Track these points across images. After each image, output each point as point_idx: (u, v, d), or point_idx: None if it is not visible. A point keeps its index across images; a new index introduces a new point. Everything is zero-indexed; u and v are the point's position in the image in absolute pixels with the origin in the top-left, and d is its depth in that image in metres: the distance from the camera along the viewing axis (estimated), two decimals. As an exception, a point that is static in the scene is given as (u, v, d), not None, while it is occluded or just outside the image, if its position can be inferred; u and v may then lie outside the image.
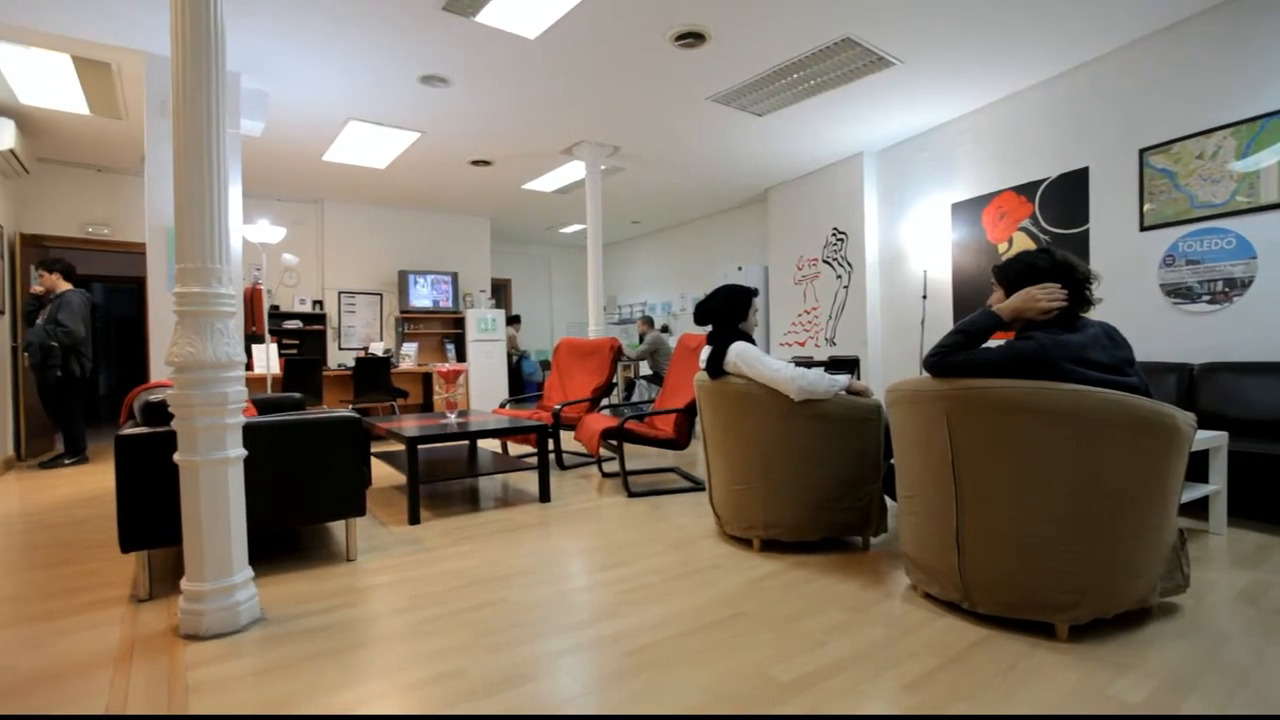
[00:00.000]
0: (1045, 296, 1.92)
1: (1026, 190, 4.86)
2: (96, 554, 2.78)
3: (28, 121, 5.00)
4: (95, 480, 4.45)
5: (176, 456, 1.93)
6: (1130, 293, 4.14)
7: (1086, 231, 4.46)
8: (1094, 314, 2.02)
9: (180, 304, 1.92)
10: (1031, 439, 1.78)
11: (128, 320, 9.49)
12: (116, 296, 9.75)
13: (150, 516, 2.18)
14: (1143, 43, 4.09)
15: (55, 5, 3.45)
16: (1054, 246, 2.15)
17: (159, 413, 2.25)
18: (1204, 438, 2.70)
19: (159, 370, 4.00)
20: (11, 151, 4.78)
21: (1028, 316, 1.95)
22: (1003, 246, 5.05)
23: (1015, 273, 2.03)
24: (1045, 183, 4.73)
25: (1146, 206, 4.10)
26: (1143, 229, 4.12)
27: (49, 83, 4.37)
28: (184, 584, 1.95)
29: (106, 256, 6.93)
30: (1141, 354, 3.53)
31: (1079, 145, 4.50)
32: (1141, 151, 4.11)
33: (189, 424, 1.91)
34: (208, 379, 1.91)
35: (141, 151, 4.52)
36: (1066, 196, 4.59)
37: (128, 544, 2.18)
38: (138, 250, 5.87)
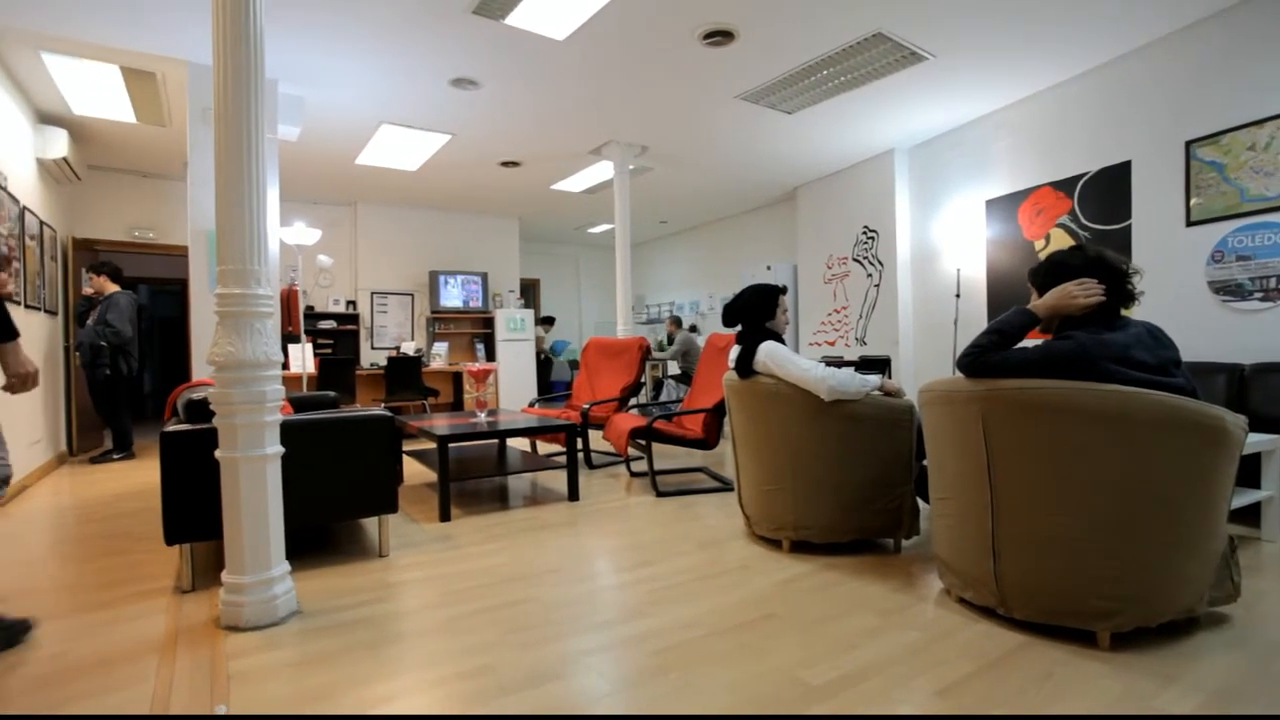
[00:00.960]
0: (1082, 292, 1.86)
1: (1065, 186, 4.73)
2: (143, 546, 2.88)
3: (79, 130, 5.20)
4: (141, 475, 4.61)
5: (218, 453, 1.99)
6: (1176, 290, 4.00)
7: (1129, 227, 4.32)
8: (1136, 312, 1.96)
9: (221, 305, 1.97)
10: (1071, 441, 1.73)
11: (171, 320, 9.80)
12: (160, 298, 10.08)
13: (193, 511, 2.26)
14: (1189, 31, 3.94)
15: (106, 18, 3.59)
16: (1089, 243, 2.09)
17: (201, 410, 2.32)
18: (1256, 441, 2.59)
19: (201, 369, 4.13)
20: (65, 159, 4.99)
21: (1065, 314, 1.90)
22: (1039, 244, 4.92)
23: (1045, 272, 1.98)
24: (1085, 177, 4.60)
25: (1193, 201, 3.96)
26: (1189, 224, 3.98)
27: (99, 93, 4.54)
28: (225, 577, 2.00)
29: (151, 259, 7.18)
30: (1187, 354, 3.40)
31: (1121, 138, 4.36)
32: (1188, 144, 3.97)
33: (229, 421, 1.96)
34: (247, 378, 1.96)
35: (184, 157, 4.68)
36: (1107, 191, 4.46)
37: (172, 537, 2.25)
38: (180, 253, 6.07)
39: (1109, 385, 1.70)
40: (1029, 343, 1.87)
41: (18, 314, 4.19)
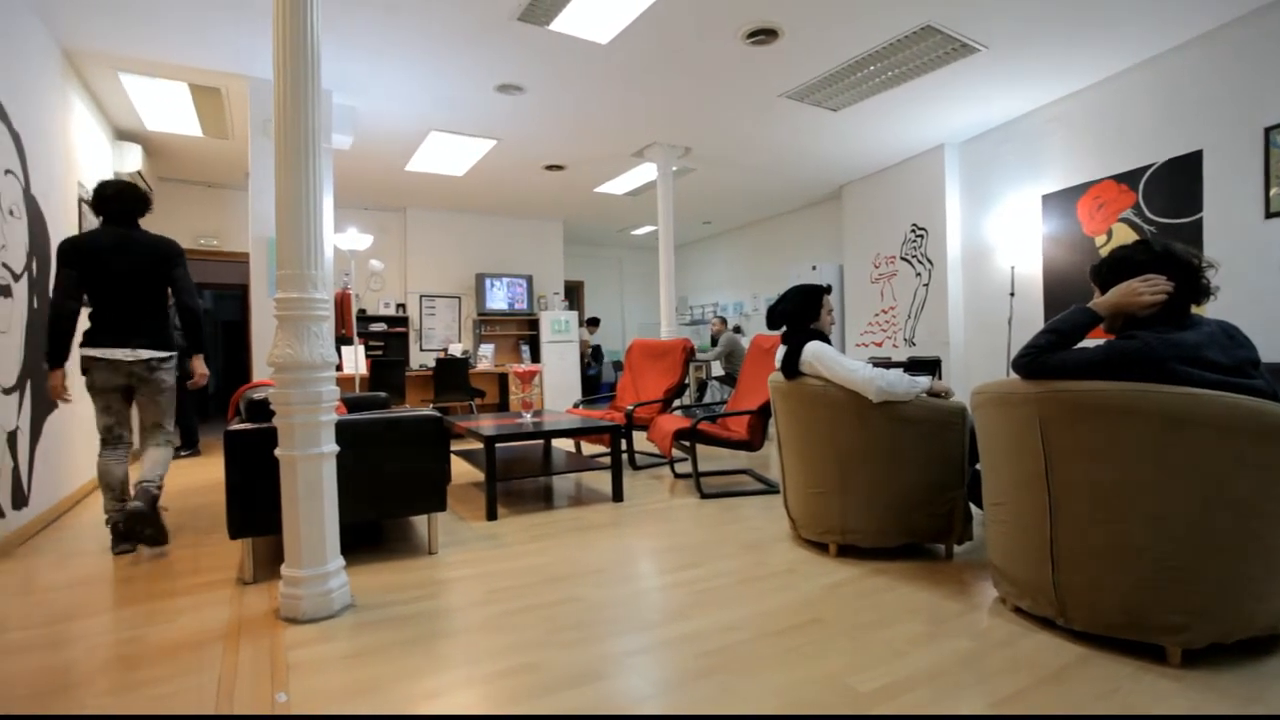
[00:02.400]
0: (1148, 289, 1.75)
1: (1128, 178, 4.52)
2: (207, 539, 3.02)
3: (151, 145, 5.51)
4: (206, 471, 4.84)
5: (277, 451, 2.07)
6: (1253, 287, 3.77)
7: (1199, 221, 4.09)
8: (1209, 310, 1.85)
9: (280, 308, 2.05)
10: (1137, 446, 1.64)
11: (233, 324, 10.26)
12: (223, 302, 10.56)
13: (255, 506, 2.35)
14: (1268, 9, 3.71)
15: (178, 39, 3.80)
16: (1155, 237, 1.98)
17: (262, 409, 2.43)
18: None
19: (261, 370, 4.31)
20: (139, 173, 5.29)
21: (1129, 312, 1.80)
22: (1100, 239, 4.71)
23: (1108, 269, 1.88)
24: (1150, 169, 4.38)
25: (1273, 191, 3.72)
26: (1268, 216, 3.74)
27: (169, 109, 4.82)
28: (283, 570, 2.08)
29: (215, 265, 7.52)
30: (1268, 355, 3.20)
31: (1190, 127, 4.14)
32: (1268, 130, 3.73)
33: (288, 420, 2.04)
34: (304, 379, 2.03)
35: (246, 168, 4.89)
36: (1175, 183, 4.23)
37: (235, 531, 2.36)
38: (242, 259, 6.35)
39: (1177, 387, 1.61)
40: (1089, 342, 1.78)
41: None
